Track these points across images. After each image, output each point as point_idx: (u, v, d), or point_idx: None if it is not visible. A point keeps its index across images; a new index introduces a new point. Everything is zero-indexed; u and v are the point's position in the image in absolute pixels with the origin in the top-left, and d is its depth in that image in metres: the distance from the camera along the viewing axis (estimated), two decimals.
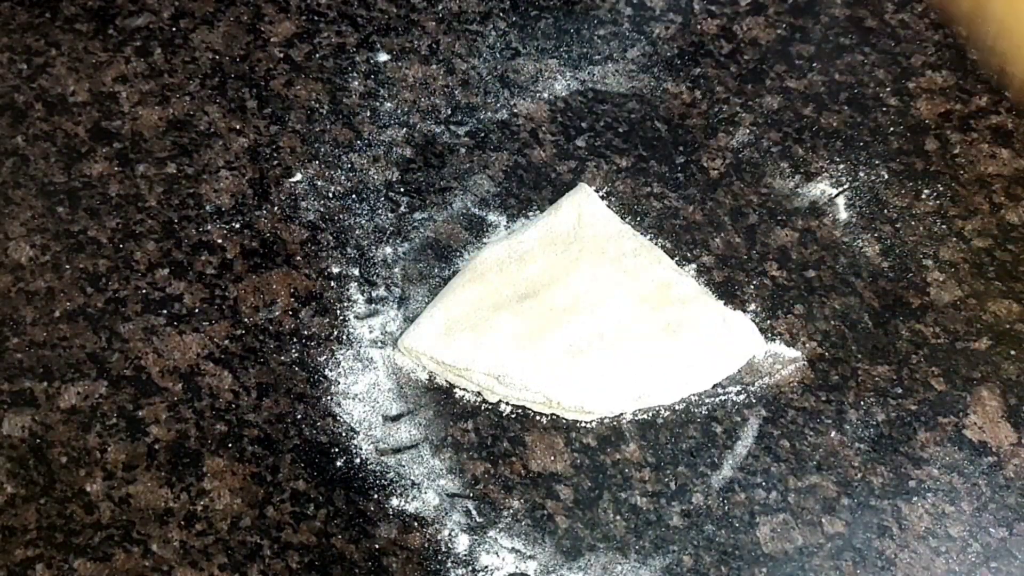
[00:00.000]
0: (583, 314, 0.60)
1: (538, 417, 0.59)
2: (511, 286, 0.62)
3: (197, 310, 0.63)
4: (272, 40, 0.72)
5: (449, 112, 0.69)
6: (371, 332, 0.62)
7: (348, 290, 0.63)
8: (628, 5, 0.74)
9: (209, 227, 0.65)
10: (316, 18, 0.73)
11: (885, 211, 0.65)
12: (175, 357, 0.61)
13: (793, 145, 0.68)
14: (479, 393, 0.60)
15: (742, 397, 0.60)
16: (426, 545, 0.56)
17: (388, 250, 0.64)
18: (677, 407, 0.60)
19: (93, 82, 0.70)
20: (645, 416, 0.59)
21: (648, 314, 0.61)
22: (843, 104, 0.69)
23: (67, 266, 0.64)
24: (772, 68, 0.71)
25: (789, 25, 0.73)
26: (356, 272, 0.64)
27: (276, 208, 0.66)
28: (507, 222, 0.65)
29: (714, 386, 0.60)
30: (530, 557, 0.56)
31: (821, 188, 0.66)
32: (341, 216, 0.65)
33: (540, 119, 0.68)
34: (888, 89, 0.70)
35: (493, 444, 0.59)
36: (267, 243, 0.65)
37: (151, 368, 0.61)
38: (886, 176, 0.67)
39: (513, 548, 0.56)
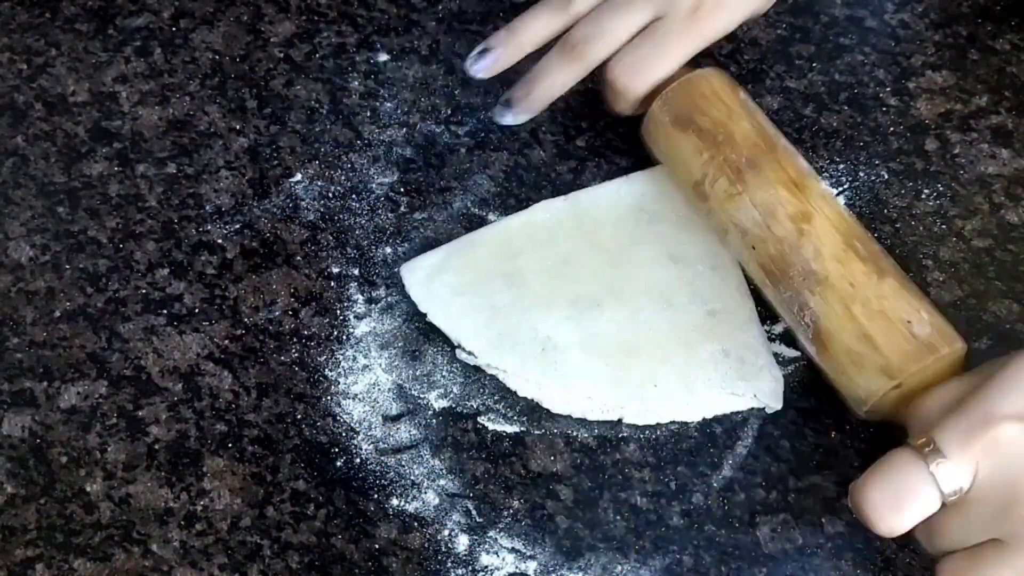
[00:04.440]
0: (587, 309, 0.60)
1: (537, 417, 0.59)
2: (532, 258, 0.61)
3: (197, 310, 0.63)
4: (272, 40, 0.72)
5: (449, 112, 0.69)
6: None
7: (348, 290, 0.63)
8: None
9: (209, 227, 0.65)
10: (316, 18, 0.73)
11: (885, 211, 0.65)
12: (175, 357, 0.61)
13: (793, 145, 0.68)
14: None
15: None
16: (426, 545, 0.56)
17: (388, 250, 0.64)
18: None
19: (93, 82, 0.70)
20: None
21: (662, 331, 0.59)
22: (843, 104, 0.69)
23: (67, 266, 0.64)
24: (772, 68, 0.71)
25: (789, 25, 0.73)
26: (356, 272, 0.64)
27: (276, 208, 0.66)
28: None
29: None
30: (530, 557, 0.56)
31: (821, 188, 0.66)
32: (341, 216, 0.65)
33: (540, 119, 0.68)
34: (888, 89, 0.70)
35: (493, 444, 0.59)
36: (267, 243, 0.65)
37: (151, 368, 0.61)
38: (886, 176, 0.67)
39: (513, 548, 0.56)
